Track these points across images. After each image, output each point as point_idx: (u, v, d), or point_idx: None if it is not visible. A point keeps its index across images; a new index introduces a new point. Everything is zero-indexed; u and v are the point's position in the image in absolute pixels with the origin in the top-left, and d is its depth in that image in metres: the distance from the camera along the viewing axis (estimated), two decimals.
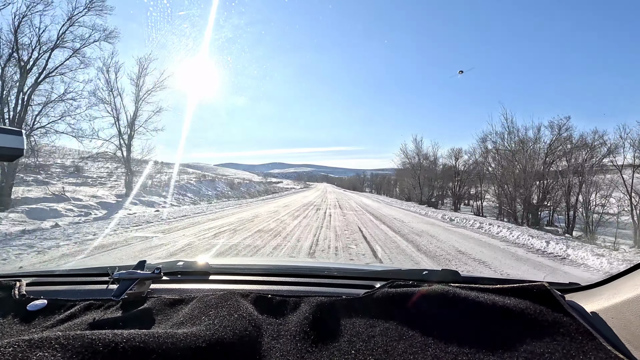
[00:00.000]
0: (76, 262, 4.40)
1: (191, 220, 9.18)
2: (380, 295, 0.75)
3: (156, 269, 0.84)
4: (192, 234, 6.83)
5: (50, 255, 4.82)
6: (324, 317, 0.70)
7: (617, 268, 4.72)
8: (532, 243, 6.80)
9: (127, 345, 0.51)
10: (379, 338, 0.63)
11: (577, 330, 0.59)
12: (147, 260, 0.90)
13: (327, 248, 5.74)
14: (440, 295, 0.72)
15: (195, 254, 4.97)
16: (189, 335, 0.57)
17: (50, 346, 0.48)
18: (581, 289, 0.79)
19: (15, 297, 0.80)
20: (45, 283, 0.95)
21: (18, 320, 0.72)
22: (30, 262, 4.42)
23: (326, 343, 0.63)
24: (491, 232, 8.56)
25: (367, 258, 5.10)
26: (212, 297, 0.75)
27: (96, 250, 5.18)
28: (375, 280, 0.92)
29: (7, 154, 0.64)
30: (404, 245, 6.23)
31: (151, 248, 5.42)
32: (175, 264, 1.02)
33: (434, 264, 4.76)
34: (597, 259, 5.24)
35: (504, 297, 0.69)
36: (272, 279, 0.95)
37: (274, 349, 0.62)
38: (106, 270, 0.86)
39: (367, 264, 4.33)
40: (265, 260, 2.93)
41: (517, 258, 5.51)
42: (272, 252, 5.23)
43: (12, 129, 0.64)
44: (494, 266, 4.82)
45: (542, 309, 0.65)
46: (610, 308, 0.64)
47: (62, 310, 0.75)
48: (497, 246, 6.60)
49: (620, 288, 0.66)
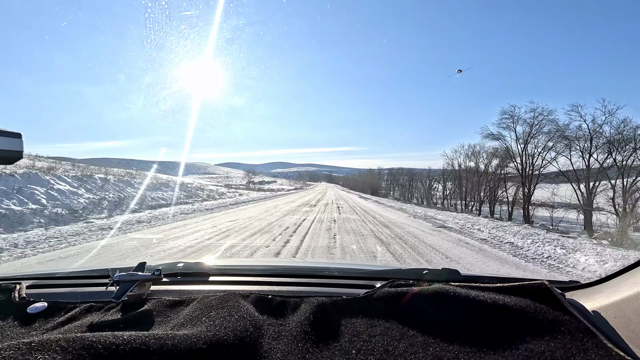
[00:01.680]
0: (77, 264, 4.39)
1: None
2: (381, 295, 0.75)
3: (156, 270, 0.84)
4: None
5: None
6: (325, 318, 0.70)
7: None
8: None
9: (127, 347, 0.51)
10: (380, 338, 0.63)
11: (577, 328, 0.59)
12: (147, 261, 0.90)
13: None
14: (440, 294, 0.72)
15: (196, 256, 4.95)
16: (189, 337, 0.57)
17: (51, 349, 0.47)
18: (581, 287, 0.79)
19: (15, 300, 0.79)
20: (46, 285, 0.95)
21: (18, 323, 0.72)
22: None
23: (327, 343, 0.63)
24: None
25: None
26: (212, 298, 0.75)
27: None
28: (376, 280, 0.92)
29: (6, 157, 0.64)
30: None
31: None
32: (175, 265, 1.02)
33: None
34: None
35: (504, 295, 0.69)
36: (273, 279, 0.95)
37: (274, 349, 0.62)
38: (106, 272, 0.86)
39: (367, 264, 4.32)
40: (265, 261, 2.93)
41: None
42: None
43: (10, 132, 0.64)
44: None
45: (542, 308, 0.65)
46: (611, 306, 0.64)
47: (63, 312, 0.75)
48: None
49: (620, 286, 0.66)
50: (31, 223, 7.90)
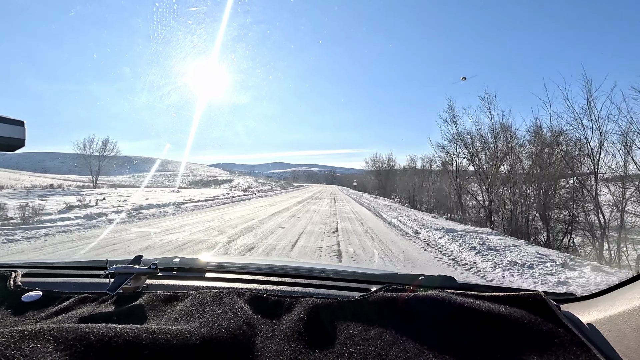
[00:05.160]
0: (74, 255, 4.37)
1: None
2: (376, 299, 0.75)
3: (152, 264, 0.84)
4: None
5: None
6: (319, 319, 0.70)
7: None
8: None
9: (120, 340, 0.51)
10: (373, 342, 0.63)
11: (571, 341, 0.59)
12: (143, 255, 0.90)
13: None
14: (435, 301, 0.72)
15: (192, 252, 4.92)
16: (182, 332, 0.57)
17: (43, 338, 0.47)
18: (577, 300, 0.79)
19: (10, 288, 0.79)
20: (41, 274, 0.95)
21: (12, 311, 0.71)
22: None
23: (320, 345, 0.63)
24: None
25: None
26: (207, 294, 0.75)
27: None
28: (371, 284, 0.92)
29: (8, 144, 0.64)
30: None
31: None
32: (172, 260, 1.02)
33: None
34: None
35: (499, 305, 0.69)
36: (268, 278, 0.95)
37: (267, 348, 0.61)
38: (103, 263, 0.86)
39: (363, 267, 4.32)
40: (262, 259, 2.93)
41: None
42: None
43: (13, 119, 0.64)
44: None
45: (537, 319, 0.65)
46: (606, 320, 0.64)
47: (57, 302, 0.75)
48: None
49: (616, 300, 0.66)
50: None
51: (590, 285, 3.96)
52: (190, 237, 6.14)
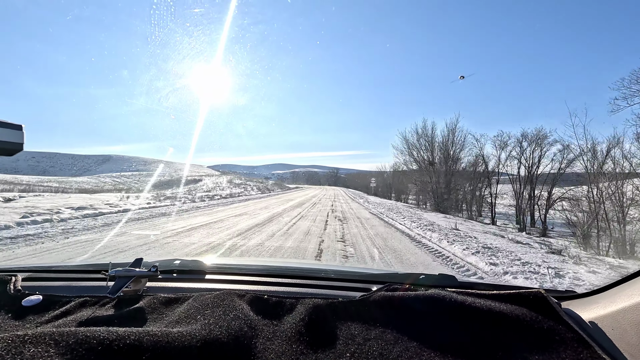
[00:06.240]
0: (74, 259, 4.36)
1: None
2: (377, 299, 0.75)
3: (153, 267, 0.84)
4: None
5: None
6: (320, 319, 0.69)
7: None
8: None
9: (121, 343, 0.51)
10: (375, 341, 0.63)
11: (572, 338, 0.59)
12: (143, 258, 0.89)
13: None
14: (436, 300, 0.72)
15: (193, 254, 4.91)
16: (183, 334, 0.57)
17: (44, 342, 0.47)
18: (578, 297, 0.79)
19: (10, 292, 0.79)
20: (41, 279, 0.95)
21: (12, 316, 0.71)
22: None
23: (321, 345, 0.63)
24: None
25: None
26: (208, 296, 0.75)
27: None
28: (372, 284, 0.92)
29: (7, 148, 0.64)
30: None
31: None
32: (172, 262, 1.01)
33: None
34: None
35: (500, 303, 0.69)
36: (269, 279, 0.95)
37: (268, 350, 0.61)
38: (103, 267, 0.86)
39: (364, 267, 4.31)
40: (262, 260, 2.92)
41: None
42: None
43: (12, 123, 0.64)
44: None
45: (538, 316, 0.65)
46: (607, 317, 0.64)
47: (57, 306, 0.75)
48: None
49: (616, 297, 0.66)
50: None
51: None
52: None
